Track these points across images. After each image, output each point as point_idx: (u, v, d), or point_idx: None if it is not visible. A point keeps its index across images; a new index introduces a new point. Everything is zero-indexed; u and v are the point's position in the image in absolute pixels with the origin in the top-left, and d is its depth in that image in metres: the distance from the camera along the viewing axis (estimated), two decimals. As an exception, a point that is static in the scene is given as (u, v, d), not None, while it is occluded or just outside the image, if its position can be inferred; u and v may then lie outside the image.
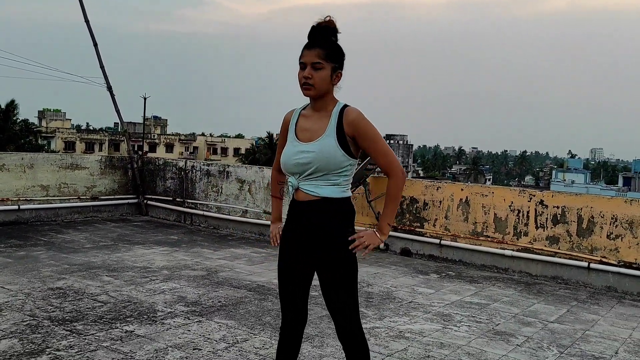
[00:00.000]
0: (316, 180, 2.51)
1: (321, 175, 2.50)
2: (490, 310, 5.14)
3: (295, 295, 2.63)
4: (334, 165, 2.48)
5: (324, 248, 2.52)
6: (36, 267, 5.71)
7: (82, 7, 9.93)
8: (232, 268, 6.19)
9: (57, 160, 8.87)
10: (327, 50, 2.49)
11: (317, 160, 2.47)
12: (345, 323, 2.56)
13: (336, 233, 2.52)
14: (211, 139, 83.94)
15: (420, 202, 7.41)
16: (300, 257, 2.60)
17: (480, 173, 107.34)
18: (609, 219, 6.20)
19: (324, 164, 2.47)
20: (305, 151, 2.50)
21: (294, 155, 2.53)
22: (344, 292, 2.54)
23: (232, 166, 9.21)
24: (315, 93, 2.51)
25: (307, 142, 2.52)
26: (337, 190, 2.53)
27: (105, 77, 9.99)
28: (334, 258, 2.52)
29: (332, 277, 2.54)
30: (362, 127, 2.50)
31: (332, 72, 2.51)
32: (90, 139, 68.97)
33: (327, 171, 2.49)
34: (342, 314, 2.55)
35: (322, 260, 2.54)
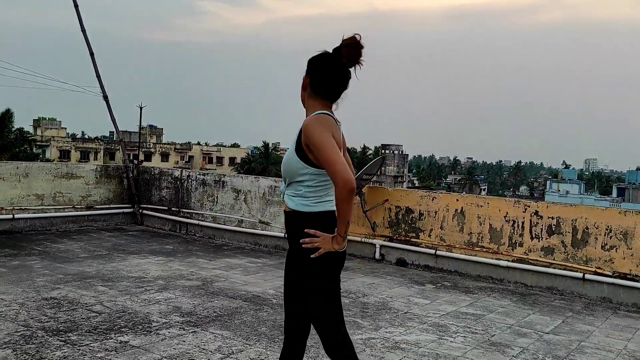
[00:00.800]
0: (288, 189, 2.62)
1: (289, 185, 2.60)
2: (485, 321, 5.14)
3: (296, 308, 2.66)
4: (293, 173, 2.55)
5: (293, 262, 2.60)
6: (30, 276, 5.68)
7: (78, 17, 9.95)
8: (227, 278, 6.17)
9: (52, 170, 8.85)
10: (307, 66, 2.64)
11: (283, 169, 2.62)
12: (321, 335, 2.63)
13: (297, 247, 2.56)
14: (207, 148, 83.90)
15: (416, 212, 7.42)
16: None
17: (475, 183, 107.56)
18: (604, 229, 6.23)
19: (286, 173, 2.60)
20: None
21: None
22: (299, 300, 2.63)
23: (228, 176, 9.20)
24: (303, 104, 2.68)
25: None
26: (301, 203, 2.54)
27: (101, 86, 9.99)
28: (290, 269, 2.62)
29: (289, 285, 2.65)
30: (308, 135, 2.48)
31: (304, 79, 2.64)
32: (85, 148, 68.82)
33: (290, 179, 2.58)
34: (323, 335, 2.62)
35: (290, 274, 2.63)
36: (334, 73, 2.57)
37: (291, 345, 2.71)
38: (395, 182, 70.47)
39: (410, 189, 8.16)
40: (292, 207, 2.57)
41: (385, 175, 70.20)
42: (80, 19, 9.97)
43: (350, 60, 2.55)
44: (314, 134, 2.45)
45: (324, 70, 2.57)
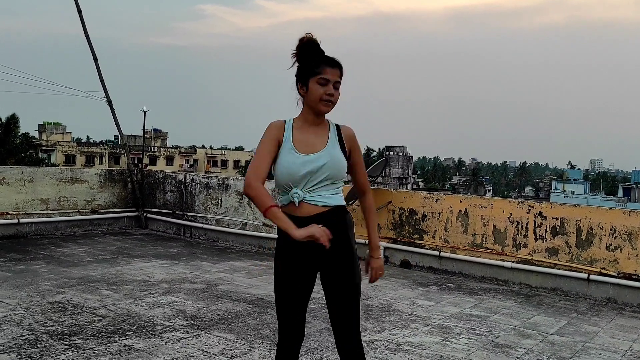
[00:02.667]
0: (324, 189, 2.54)
1: (328, 184, 2.55)
2: (490, 322, 5.13)
3: (298, 311, 2.61)
4: (342, 173, 2.59)
5: (338, 258, 2.55)
6: (35, 281, 5.71)
7: (82, 22, 10.01)
8: (231, 281, 6.18)
9: (57, 174, 8.89)
10: (341, 71, 2.60)
11: (329, 168, 2.53)
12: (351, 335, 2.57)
13: (351, 241, 2.61)
14: (211, 152, 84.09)
15: (420, 214, 7.41)
16: (303, 273, 2.59)
17: (480, 184, 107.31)
18: (608, 230, 6.21)
19: (335, 172, 2.55)
20: (314, 160, 2.52)
21: (303, 166, 2.51)
22: (355, 302, 2.59)
23: (232, 179, 9.22)
24: (330, 110, 2.61)
25: (311, 154, 2.54)
26: (340, 198, 2.62)
27: (105, 91, 10.03)
28: (349, 267, 2.58)
29: (345, 287, 2.57)
30: (356, 142, 2.70)
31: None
32: (90, 152, 69.12)
33: (336, 179, 2.57)
34: (350, 325, 2.58)
35: (336, 270, 2.57)
36: None
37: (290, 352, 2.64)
38: (399, 183, 70.38)
39: (414, 191, 8.15)
40: (332, 204, 2.55)
41: (390, 176, 70.12)
42: (84, 25, 10.03)
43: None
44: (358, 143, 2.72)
45: None
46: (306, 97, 2.58)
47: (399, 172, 74.28)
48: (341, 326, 2.59)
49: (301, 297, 2.61)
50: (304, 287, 2.61)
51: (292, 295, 2.60)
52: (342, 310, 2.58)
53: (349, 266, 2.58)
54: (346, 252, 2.58)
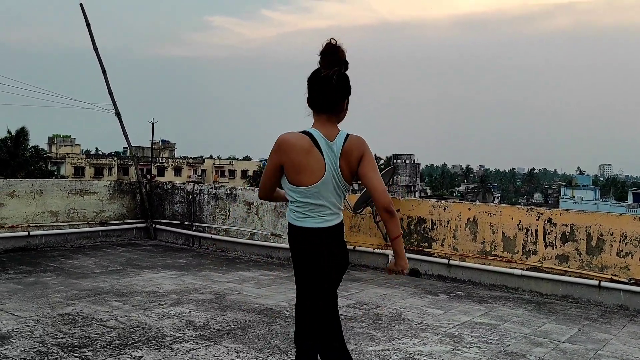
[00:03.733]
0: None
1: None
2: (500, 330, 5.09)
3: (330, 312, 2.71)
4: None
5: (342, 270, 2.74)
6: (45, 293, 5.74)
7: (90, 36, 10.11)
8: (240, 291, 6.18)
9: (67, 186, 8.95)
10: None
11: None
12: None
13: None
14: (219, 162, 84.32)
15: (428, 222, 7.39)
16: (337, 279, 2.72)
17: (489, 191, 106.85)
18: (619, 236, 6.16)
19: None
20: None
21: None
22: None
23: (240, 189, 9.25)
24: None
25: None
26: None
27: (113, 103, 10.12)
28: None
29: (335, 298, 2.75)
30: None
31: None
32: (99, 164, 69.50)
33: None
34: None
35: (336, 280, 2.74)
36: (312, 86, 2.62)
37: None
38: (407, 191, 70.24)
39: (422, 199, 8.13)
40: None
41: (398, 185, 70.02)
42: (93, 38, 10.13)
43: (329, 66, 2.56)
44: None
45: (308, 86, 2.65)
46: (343, 113, 2.68)
47: (406, 180, 74.16)
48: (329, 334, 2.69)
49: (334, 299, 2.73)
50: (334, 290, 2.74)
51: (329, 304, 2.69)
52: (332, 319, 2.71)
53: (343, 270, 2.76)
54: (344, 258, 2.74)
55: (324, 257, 2.58)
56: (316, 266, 2.60)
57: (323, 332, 2.66)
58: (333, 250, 2.61)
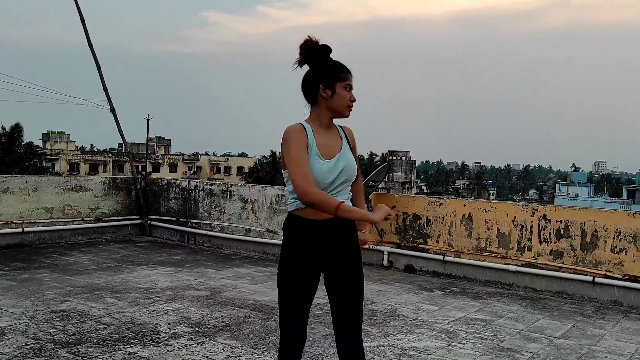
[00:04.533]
0: (342, 192, 2.63)
1: (345, 187, 2.65)
2: (495, 326, 5.11)
3: (300, 314, 2.63)
4: (355, 175, 2.69)
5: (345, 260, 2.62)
6: (40, 289, 5.72)
7: (85, 32, 10.06)
8: (235, 288, 6.18)
9: (61, 183, 8.92)
10: None
11: (346, 172, 2.61)
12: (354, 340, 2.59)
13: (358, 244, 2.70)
14: (214, 159, 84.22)
15: (423, 218, 7.40)
16: (306, 276, 2.60)
17: (484, 188, 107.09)
18: (613, 232, 6.19)
19: (351, 175, 2.64)
20: (335, 165, 2.59)
21: (330, 173, 2.57)
22: (359, 305, 2.64)
23: (235, 185, 9.23)
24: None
25: (331, 158, 2.60)
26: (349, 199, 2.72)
27: (108, 99, 10.08)
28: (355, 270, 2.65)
29: (350, 289, 2.62)
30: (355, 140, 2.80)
31: None
32: (94, 160, 69.28)
33: (351, 181, 2.68)
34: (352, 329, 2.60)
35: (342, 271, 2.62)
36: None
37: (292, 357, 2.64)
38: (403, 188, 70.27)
39: (417, 195, 8.15)
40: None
41: (393, 181, 70.06)
42: (87, 34, 10.08)
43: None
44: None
45: None
46: (329, 100, 2.61)
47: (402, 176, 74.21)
48: (344, 330, 2.60)
49: (304, 300, 2.62)
50: (307, 290, 2.62)
51: (294, 298, 2.62)
52: (346, 312, 2.61)
53: (355, 269, 2.64)
54: (354, 254, 2.65)
55: None
56: None
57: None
58: None
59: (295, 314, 2.62)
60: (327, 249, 2.60)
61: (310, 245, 2.58)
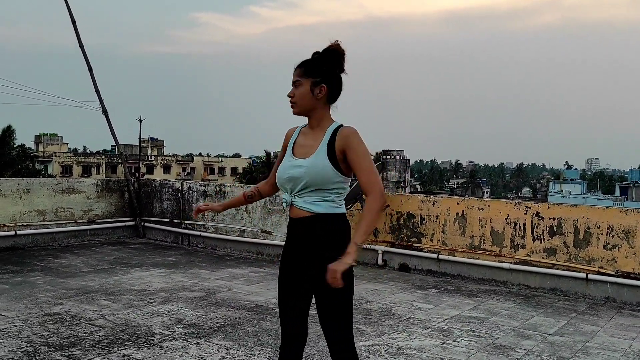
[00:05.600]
0: (308, 196, 2.52)
1: (312, 191, 2.51)
2: (489, 324, 5.13)
3: (295, 312, 2.62)
4: (324, 181, 2.50)
5: (319, 268, 2.46)
6: (33, 292, 5.69)
7: (76, 33, 10.01)
8: (230, 288, 6.17)
9: (54, 185, 8.87)
10: (305, 67, 2.57)
11: (307, 175, 2.49)
12: (337, 348, 2.55)
13: (331, 254, 2.45)
14: (208, 159, 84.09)
15: (417, 217, 7.42)
16: (299, 275, 2.59)
17: (478, 186, 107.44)
18: (605, 229, 6.22)
19: (314, 179, 2.49)
20: (298, 165, 2.53)
21: (288, 170, 2.56)
22: (338, 315, 2.53)
23: (228, 186, 9.22)
24: (299, 110, 2.59)
25: (301, 158, 2.56)
26: (328, 206, 2.53)
27: (100, 101, 10.04)
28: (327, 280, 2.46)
29: (326, 300, 2.52)
30: (353, 141, 2.52)
31: (313, 86, 2.54)
32: (87, 162, 69.02)
33: (317, 187, 2.50)
34: (334, 338, 2.55)
35: (317, 281, 2.50)
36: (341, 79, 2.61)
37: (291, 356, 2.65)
38: (397, 187, 70.38)
39: (411, 194, 8.16)
40: (315, 211, 2.51)
41: (388, 180, 70.12)
42: (79, 35, 10.04)
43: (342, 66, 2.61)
44: (359, 143, 2.52)
45: (338, 78, 2.59)
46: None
47: (396, 175, 74.32)
48: (330, 339, 2.58)
49: (297, 298, 2.61)
50: (300, 289, 2.61)
51: (288, 295, 2.62)
52: (329, 324, 2.54)
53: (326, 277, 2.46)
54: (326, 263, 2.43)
55: None
56: None
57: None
58: None
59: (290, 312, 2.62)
60: (305, 252, 2.55)
61: (289, 243, 2.62)
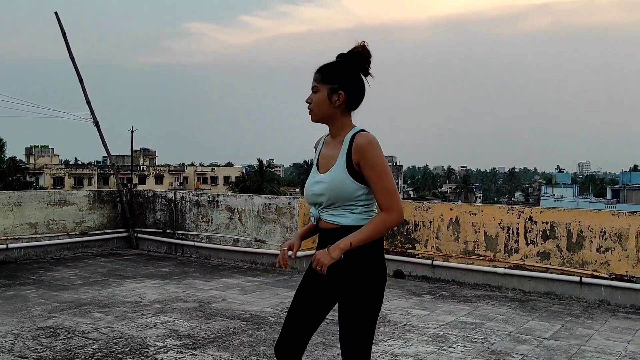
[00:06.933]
0: (334, 209, 2.44)
1: (338, 206, 2.42)
2: (485, 329, 5.13)
3: (300, 323, 2.52)
4: (346, 196, 2.39)
5: (350, 281, 2.39)
6: (26, 306, 5.64)
7: (67, 45, 10.00)
8: (224, 298, 6.14)
9: (45, 197, 8.82)
10: (323, 74, 2.47)
11: (328, 192, 2.41)
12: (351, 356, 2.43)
13: (359, 266, 2.38)
14: (201, 169, 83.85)
15: (411, 223, 7.42)
16: (321, 289, 2.49)
17: (471, 191, 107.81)
18: (598, 232, 6.25)
19: (335, 195, 2.40)
20: (320, 182, 2.46)
21: (311, 186, 2.50)
22: (360, 330, 2.41)
23: (222, 195, 9.19)
24: (316, 117, 2.49)
25: (323, 173, 2.48)
26: (356, 217, 2.42)
27: (91, 112, 10.01)
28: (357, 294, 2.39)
29: (349, 309, 2.42)
30: (367, 155, 2.36)
31: (330, 93, 2.44)
32: (79, 174, 68.66)
33: (341, 202, 2.40)
34: (351, 353, 2.43)
35: (343, 295, 2.42)
36: (362, 85, 2.49)
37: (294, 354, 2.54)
38: (390, 193, 70.18)
39: (404, 200, 8.17)
40: (343, 224, 2.41)
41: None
42: (69, 47, 10.02)
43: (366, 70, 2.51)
44: (376, 156, 2.37)
45: (359, 84, 2.48)
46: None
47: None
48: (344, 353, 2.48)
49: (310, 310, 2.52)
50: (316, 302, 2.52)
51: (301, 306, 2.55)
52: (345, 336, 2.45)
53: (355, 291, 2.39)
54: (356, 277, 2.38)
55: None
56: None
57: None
58: None
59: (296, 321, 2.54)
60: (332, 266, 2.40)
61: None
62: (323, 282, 2.47)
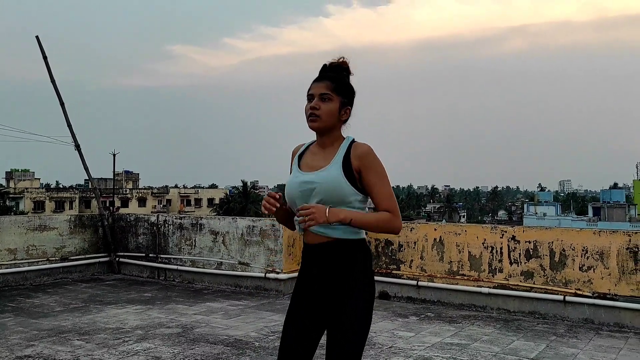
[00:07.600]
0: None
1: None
2: (471, 350, 5.11)
3: (293, 352, 2.41)
4: (340, 197, 2.33)
5: (339, 300, 2.34)
6: (3, 335, 5.50)
7: (47, 68, 9.95)
8: (208, 323, 6.05)
9: (25, 222, 8.67)
10: (336, 84, 2.44)
11: (321, 190, 2.33)
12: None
13: (352, 285, 2.34)
14: (184, 191, 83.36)
15: (395, 244, 7.42)
16: (313, 308, 2.41)
17: (455, 210, 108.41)
18: (580, 250, 6.30)
19: (329, 195, 2.32)
20: (309, 181, 2.37)
21: (298, 186, 2.39)
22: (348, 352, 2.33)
23: (205, 218, 9.12)
24: (321, 125, 2.41)
25: (311, 172, 2.41)
26: (349, 230, 2.36)
27: (72, 136, 9.93)
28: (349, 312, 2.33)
29: (339, 334, 2.33)
30: (371, 162, 2.37)
31: (341, 106, 2.43)
32: (60, 198, 67.78)
33: (333, 204, 2.32)
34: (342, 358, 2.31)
35: (334, 313, 2.35)
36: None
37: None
38: (375, 214, 70.35)
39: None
40: (335, 236, 2.35)
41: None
42: (50, 70, 9.97)
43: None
44: (378, 162, 2.39)
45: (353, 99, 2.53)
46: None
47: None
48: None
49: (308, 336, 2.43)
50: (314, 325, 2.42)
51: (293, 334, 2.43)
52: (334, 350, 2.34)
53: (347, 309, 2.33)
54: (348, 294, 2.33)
55: None
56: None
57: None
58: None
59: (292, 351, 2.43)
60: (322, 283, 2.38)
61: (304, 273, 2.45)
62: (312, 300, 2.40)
